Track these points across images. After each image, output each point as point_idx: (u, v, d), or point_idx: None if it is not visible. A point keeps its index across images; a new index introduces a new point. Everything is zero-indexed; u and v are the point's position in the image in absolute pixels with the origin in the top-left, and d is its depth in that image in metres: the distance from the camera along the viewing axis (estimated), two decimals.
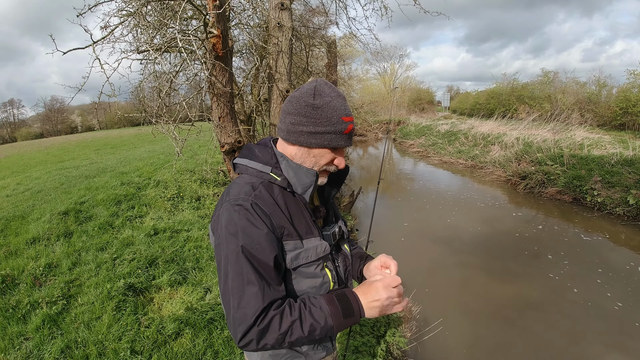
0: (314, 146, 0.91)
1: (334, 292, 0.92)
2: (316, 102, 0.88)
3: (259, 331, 0.78)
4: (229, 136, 3.06)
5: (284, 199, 0.92)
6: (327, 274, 0.98)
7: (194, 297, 2.88)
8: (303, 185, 0.94)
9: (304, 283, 0.94)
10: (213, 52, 2.63)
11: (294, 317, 0.81)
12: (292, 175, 0.93)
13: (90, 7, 2.32)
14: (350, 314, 0.86)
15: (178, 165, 5.79)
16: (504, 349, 2.90)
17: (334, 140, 0.90)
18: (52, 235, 3.97)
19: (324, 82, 0.94)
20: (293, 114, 0.90)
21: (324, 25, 6.28)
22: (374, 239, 5.35)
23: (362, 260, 1.15)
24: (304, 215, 0.95)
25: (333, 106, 0.89)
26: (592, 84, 18.21)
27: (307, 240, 0.93)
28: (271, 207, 0.89)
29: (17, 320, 2.59)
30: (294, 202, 0.94)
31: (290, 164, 0.93)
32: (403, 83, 32.91)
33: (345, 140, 0.92)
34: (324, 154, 0.93)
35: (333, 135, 0.90)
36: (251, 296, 0.79)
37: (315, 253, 0.94)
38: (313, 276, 0.95)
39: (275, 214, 0.88)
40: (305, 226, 0.94)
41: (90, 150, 15.27)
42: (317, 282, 0.96)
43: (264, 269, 0.83)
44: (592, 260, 4.33)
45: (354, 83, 18.63)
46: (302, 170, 0.92)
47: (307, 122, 0.89)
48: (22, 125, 51.32)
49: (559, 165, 7.32)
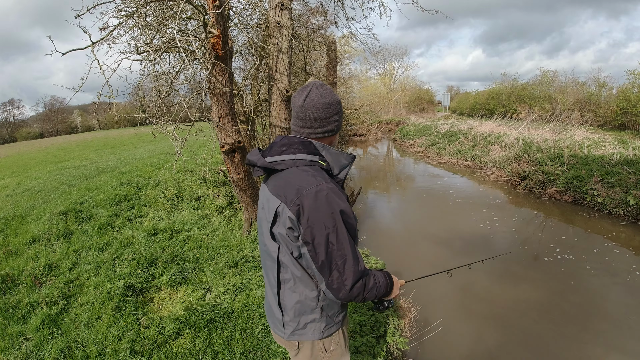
0: (339, 129, 1.23)
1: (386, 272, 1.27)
2: (338, 98, 1.19)
3: (363, 283, 1.09)
4: (229, 136, 3.06)
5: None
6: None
7: (194, 297, 2.88)
8: (340, 166, 1.20)
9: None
10: (213, 52, 2.63)
11: (376, 277, 1.17)
12: (330, 160, 1.19)
13: (88, 8, 2.32)
14: (391, 286, 1.25)
15: (178, 165, 5.79)
16: (504, 349, 2.90)
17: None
18: (52, 235, 3.97)
19: (322, 82, 1.21)
20: (335, 114, 1.19)
21: (323, 25, 6.28)
22: (374, 239, 5.35)
23: None
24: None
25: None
26: (591, 84, 18.22)
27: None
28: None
29: (17, 320, 2.59)
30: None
31: (330, 151, 1.19)
32: (403, 83, 32.91)
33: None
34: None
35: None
36: (358, 259, 1.08)
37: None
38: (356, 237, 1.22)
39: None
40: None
41: (90, 150, 15.28)
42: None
43: (353, 237, 1.10)
44: (592, 260, 4.33)
45: (354, 83, 18.63)
46: (343, 155, 1.21)
47: (340, 114, 1.22)
48: (22, 125, 51.33)
49: (559, 166, 7.32)
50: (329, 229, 1.02)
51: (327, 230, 1.02)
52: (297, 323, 1.21)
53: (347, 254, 1.05)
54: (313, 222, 1.02)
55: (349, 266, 1.05)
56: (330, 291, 1.08)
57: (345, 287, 1.05)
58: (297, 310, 1.19)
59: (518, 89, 22.18)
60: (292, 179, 1.08)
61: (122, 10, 2.81)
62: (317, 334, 1.22)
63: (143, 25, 2.92)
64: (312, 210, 1.02)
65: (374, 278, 1.15)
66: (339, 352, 1.30)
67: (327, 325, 1.23)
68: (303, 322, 1.21)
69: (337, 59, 7.29)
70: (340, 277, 1.05)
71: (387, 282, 1.21)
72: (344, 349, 1.33)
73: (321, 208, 1.02)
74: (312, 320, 1.20)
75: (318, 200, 1.02)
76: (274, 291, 1.22)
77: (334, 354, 1.29)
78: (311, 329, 1.22)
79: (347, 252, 1.05)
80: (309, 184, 1.04)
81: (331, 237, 1.03)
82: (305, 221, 1.02)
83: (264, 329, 2.54)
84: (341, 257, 1.04)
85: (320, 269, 1.06)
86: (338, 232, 1.03)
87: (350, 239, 1.07)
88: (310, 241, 1.04)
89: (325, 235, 1.02)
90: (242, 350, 2.34)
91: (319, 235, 1.02)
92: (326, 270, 1.05)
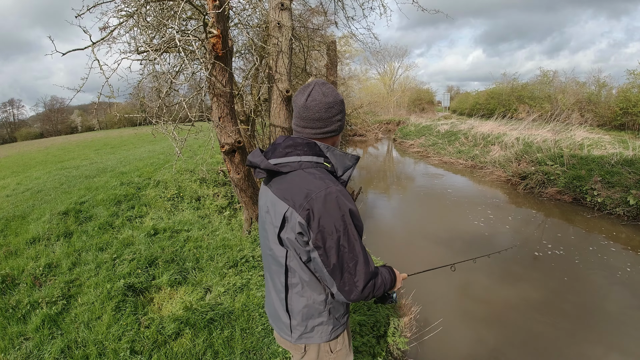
0: (342, 129, 1.22)
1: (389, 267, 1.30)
2: (341, 97, 1.17)
3: (373, 283, 1.11)
4: (229, 136, 3.06)
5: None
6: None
7: (194, 297, 2.88)
8: (344, 167, 1.18)
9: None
10: (213, 52, 2.63)
11: (383, 274, 1.19)
12: (335, 161, 1.17)
13: (89, 7, 2.32)
14: (394, 280, 1.29)
15: (178, 165, 5.79)
16: (504, 349, 2.90)
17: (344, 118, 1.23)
18: (52, 235, 3.97)
19: (324, 81, 1.18)
20: (337, 114, 1.16)
21: (323, 25, 6.27)
22: (374, 238, 5.35)
23: None
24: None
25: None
26: (591, 84, 18.22)
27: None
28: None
29: (17, 320, 2.59)
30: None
31: (335, 153, 1.17)
32: (403, 83, 32.91)
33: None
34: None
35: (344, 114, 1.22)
36: (369, 259, 1.09)
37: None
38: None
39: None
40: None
41: (90, 150, 15.28)
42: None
43: (360, 237, 1.09)
44: (592, 260, 4.33)
45: (354, 83, 18.63)
46: (347, 156, 1.18)
47: (344, 114, 1.20)
48: (22, 125, 51.32)
49: (559, 166, 7.31)
50: (340, 232, 1.01)
51: (339, 234, 1.01)
52: (305, 327, 1.21)
53: (359, 256, 1.05)
54: (324, 225, 1.00)
55: (360, 268, 1.05)
56: (342, 293, 1.07)
57: (357, 289, 1.06)
58: (305, 314, 1.19)
59: (518, 89, 22.18)
60: (299, 182, 1.06)
61: (122, 10, 2.81)
62: (324, 337, 1.22)
63: (143, 25, 2.92)
64: (323, 214, 1.00)
65: (381, 276, 1.17)
66: (344, 352, 1.32)
67: (334, 327, 1.24)
68: (311, 326, 1.21)
69: (337, 59, 7.28)
70: (352, 279, 1.05)
71: (391, 277, 1.24)
72: (348, 349, 1.34)
73: (331, 211, 1.00)
74: (319, 324, 1.21)
75: (328, 203, 1.00)
76: (280, 296, 1.20)
77: (339, 354, 1.30)
78: (319, 332, 1.22)
79: (359, 254, 1.05)
80: (317, 188, 1.02)
81: (342, 240, 1.02)
82: (316, 225, 1.01)
83: (264, 329, 2.54)
84: (352, 259, 1.04)
85: (331, 273, 1.05)
86: (349, 234, 1.03)
87: (360, 240, 1.07)
88: (321, 245, 1.02)
89: (337, 238, 1.01)
90: (242, 350, 2.34)
91: (330, 239, 1.01)
92: (338, 273, 1.05)
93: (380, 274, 1.17)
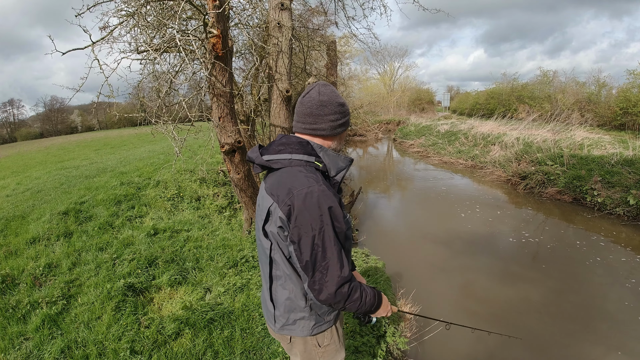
0: (342, 132, 1.23)
1: (376, 289, 1.28)
2: (341, 100, 1.19)
3: (348, 290, 1.08)
4: (229, 136, 3.06)
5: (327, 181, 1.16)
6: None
7: (194, 297, 2.88)
8: (337, 168, 1.19)
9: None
10: (213, 52, 2.63)
11: (365, 290, 1.17)
12: (328, 161, 1.18)
13: (89, 7, 2.32)
14: (378, 306, 1.26)
15: (178, 165, 5.79)
16: (504, 349, 2.90)
17: (348, 122, 1.24)
18: (52, 235, 3.96)
19: (326, 83, 1.21)
20: (331, 114, 1.17)
21: (323, 25, 6.27)
22: (374, 238, 5.35)
23: None
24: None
25: (344, 100, 1.21)
26: (591, 84, 18.21)
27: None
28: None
29: (17, 320, 2.59)
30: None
31: (328, 153, 1.18)
32: (403, 83, 32.91)
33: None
34: (344, 134, 1.26)
35: (349, 118, 1.24)
36: (343, 263, 1.07)
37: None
38: (349, 238, 1.22)
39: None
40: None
41: (90, 150, 15.28)
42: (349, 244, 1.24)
43: (342, 239, 1.09)
44: (593, 260, 4.33)
45: (354, 84, 18.63)
46: (340, 157, 1.20)
47: (341, 117, 1.19)
48: (22, 125, 51.33)
49: (559, 166, 7.31)
50: (316, 231, 1.03)
51: (314, 232, 1.03)
52: (287, 319, 1.24)
53: (332, 258, 1.05)
54: (301, 222, 1.03)
55: (332, 270, 1.05)
56: (312, 292, 1.09)
57: (326, 290, 1.06)
58: (287, 306, 1.22)
59: (518, 89, 22.18)
60: (285, 178, 1.10)
61: (123, 10, 2.81)
62: (305, 331, 1.25)
63: (143, 24, 2.92)
64: (302, 211, 1.02)
65: (362, 293, 1.14)
66: (333, 348, 1.33)
67: (317, 323, 1.25)
68: (292, 319, 1.24)
69: (337, 59, 7.29)
70: (323, 278, 1.05)
71: (374, 301, 1.21)
72: (338, 345, 1.35)
73: (310, 209, 1.02)
74: (300, 318, 1.23)
75: (307, 201, 1.02)
76: (267, 286, 1.26)
77: (328, 349, 1.32)
78: (300, 325, 1.24)
79: (332, 256, 1.05)
80: (300, 185, 1.05)
81: (317, 239, 1.03)
82: (294, 221, 1.04)
83: (264, 329, 2.54)
84: (325, 259, 1.04)
85: (304, 269, 1.08)
86: (324, 234, 1.03)
87: (338, 242, 1.06)
88: (296, 241, 1.05)
89: (312, 236, 1.03)
90: (242, 350, 2.34)
91: (306, 236, 1.03)
92: (310, 270, 1.07)
93: (362, 290, 1.15)
